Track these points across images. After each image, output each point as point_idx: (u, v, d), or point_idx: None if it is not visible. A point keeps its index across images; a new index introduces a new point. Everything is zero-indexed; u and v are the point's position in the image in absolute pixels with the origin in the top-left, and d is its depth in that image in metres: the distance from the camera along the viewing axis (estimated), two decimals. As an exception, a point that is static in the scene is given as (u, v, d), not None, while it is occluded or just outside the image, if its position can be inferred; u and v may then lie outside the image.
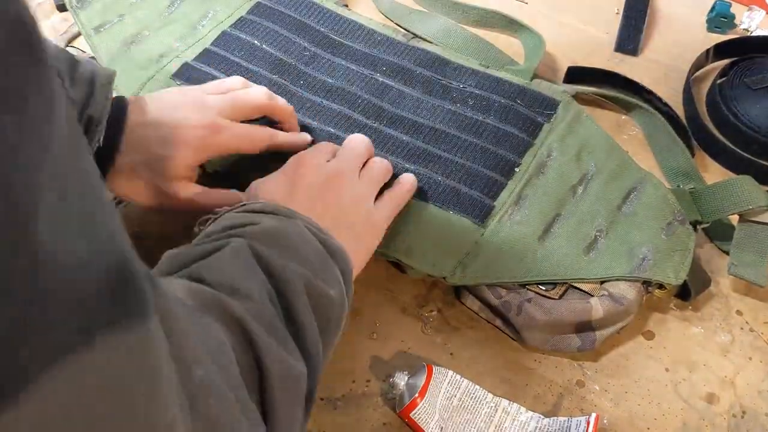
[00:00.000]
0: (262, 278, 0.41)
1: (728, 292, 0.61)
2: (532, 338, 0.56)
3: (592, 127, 0.66)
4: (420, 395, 0.51)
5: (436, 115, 0.66)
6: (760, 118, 0.68)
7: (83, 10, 0.70)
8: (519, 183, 0.61)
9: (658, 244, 0.58)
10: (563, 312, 0.54)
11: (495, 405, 0.52)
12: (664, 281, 0.56)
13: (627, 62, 0.76)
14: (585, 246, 0.58)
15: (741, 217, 0.60)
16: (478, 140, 0.64)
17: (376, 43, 0.71)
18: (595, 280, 0.56)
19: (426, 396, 0.51)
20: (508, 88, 0.68)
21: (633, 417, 0.54)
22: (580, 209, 0.60)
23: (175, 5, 0.72)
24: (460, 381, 0.53)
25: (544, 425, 0.52)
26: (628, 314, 0.56)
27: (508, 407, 0.52)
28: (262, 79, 0.66)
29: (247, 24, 0.71)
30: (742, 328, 0.59)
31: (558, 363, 0.56)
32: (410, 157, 0.62)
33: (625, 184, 0.62)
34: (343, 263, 0.46)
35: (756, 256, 0.58)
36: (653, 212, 0.60)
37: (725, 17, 0.78)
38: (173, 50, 0.68)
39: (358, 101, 0.66)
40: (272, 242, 0.43)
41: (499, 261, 0.56)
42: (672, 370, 0.57)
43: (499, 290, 0.56)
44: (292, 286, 0.41)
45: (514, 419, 0.52)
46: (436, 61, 0.70)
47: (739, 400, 0.55)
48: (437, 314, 0.58)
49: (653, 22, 0.81)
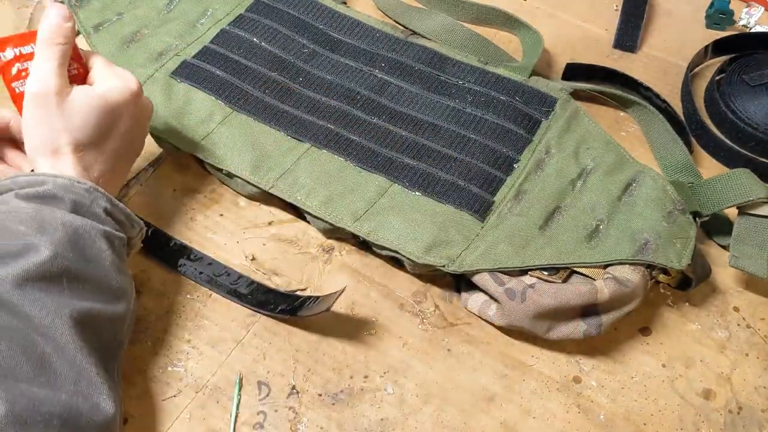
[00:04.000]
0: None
1: (725, 289, 0.61)
2: (536, 326, 0.55)
3: (590, 124, 0.66)
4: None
5: (435, 112, 0.66)
6: (758, 115, 0.68)
7: (82, 8, 0.70)
8: (518, 179, 0.62)
9: (660, 230, 0.58)
10: (569, 295, 0.54)
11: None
12: (667, 265, 0.56)
13: (625, 59, 0.76)
14: (586, 234, 0.58)
15: (740, 210, 0.60)
16: (476, 136, 0.64)
17: (375, 40, 0.71)
18: (598, 264, 0.56)
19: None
20: (507, 85, 0.68)
21: (629, 413, 0.55)
22: (580, 201, 0.60)
23: (173, 3, 0.72)
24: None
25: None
26: (634, 297, 0.55)
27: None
28: (261, 76, 0.67)
29: (246, 21, 0.71)
30: (739, 325, 0.59)
31: (555, 359, 0.57)
32: (409, 152, 0.63)
33: (623, 177, 0.62)
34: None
35: (756, 249, 0.58)
36: (653, 202, 0.60)
37: (724, 13, 0.78)
38: (172, 48, 0.68)
39: (357, 97, 0.66)
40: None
41: (500, 248, 0.57)
42: (669, 366, 0.57)
43: (501, 277, 0.56)
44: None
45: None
46: (434, 58, 0.70)
47: (736, 396, 0.56)
48: (435, 310, 0.59)
49: (652, 18, 0.81)
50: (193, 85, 0.66)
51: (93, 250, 0.48)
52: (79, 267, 0.46)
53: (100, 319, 0.47)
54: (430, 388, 0.55)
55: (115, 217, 0.51)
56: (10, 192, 0.49)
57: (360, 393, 0.54)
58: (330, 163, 0.62)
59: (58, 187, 0.48)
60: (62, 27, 0.51)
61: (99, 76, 0.53)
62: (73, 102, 0.50)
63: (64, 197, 0.48)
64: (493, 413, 0.54)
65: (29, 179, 0.49)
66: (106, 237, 0.49)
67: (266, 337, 0.56)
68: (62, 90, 0.50)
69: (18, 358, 0.41)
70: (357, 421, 0.53)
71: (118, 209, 0.51)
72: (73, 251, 0.46)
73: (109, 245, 0.49)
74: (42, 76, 0.50)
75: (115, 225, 0.51)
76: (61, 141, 0.50)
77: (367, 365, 0.55)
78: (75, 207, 0.48)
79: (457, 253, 0.57)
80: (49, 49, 0.51)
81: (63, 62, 0.51)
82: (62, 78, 0.51)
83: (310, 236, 0.62)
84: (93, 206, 0.49)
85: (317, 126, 0.64)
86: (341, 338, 0.56)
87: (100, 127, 0.51)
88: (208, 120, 0.64)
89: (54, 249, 0.45)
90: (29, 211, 0.47)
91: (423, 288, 0.60)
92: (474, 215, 0.59)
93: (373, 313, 0.58)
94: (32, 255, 0.45)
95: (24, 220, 0.46)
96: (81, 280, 0.46)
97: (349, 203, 0.60)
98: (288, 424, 0.52)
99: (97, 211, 0.50)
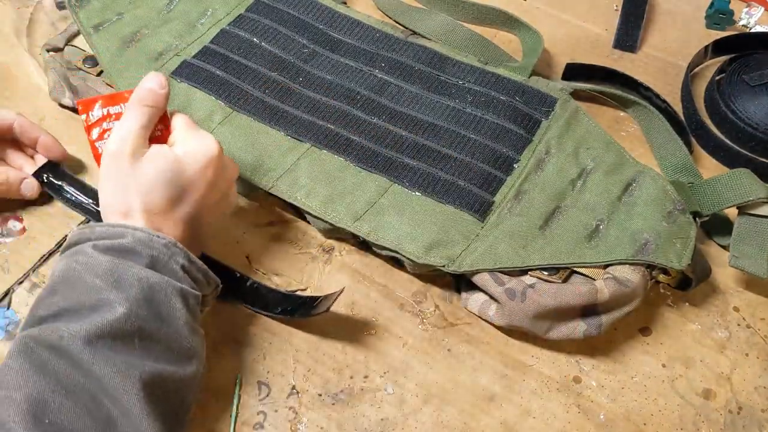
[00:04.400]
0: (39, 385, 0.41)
1: (725, 289, 0.61)
2: (536, 326, 0.55)
3: (590, 124, 0.66)
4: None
5: (435, 112, 0.66)
6: (758, 115, 0.68)
7: (82, 8, 0.70)
8: (518, 179, 0.62)
9: (660, 230, 0.58)
10: (569, 295, 0.54)
11: None
12: (667, 265, 0.56)
13: (625, 59, 0.76)
14: (586, 234, 0.58)
15: (740, 210, 0.60)
16: (476, 136, 0.64)
17: (375, 39, 0.71)
18: (598, 264, 0.56)
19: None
20: (507, 85, 0.68)
21: (630, 413, 0.55)
22: (580, 201, 0.60)
23: (173, 3, 0.72)
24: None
25: None
26: (634, 297, 0.55)
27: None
28: (261, 76, 0.67)
29: (246, 22, 0.71)
30: (739, 325, 0.59)
31: (555, 359, 0.57)
32: (409, 152, 0.63)
33: (623, 177, 0.62)
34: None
35: (756, 249, 0.58)
36: (653, 202, 0.60)
37: (724, 13, 0.78)
38: (172, 48, 0.68)
39: (357, 97, 0.66)
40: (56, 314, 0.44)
41: (500, 248, 0.57)
42: (669, 366, 0.57)
43: (501, 277, 0.56)
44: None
45: None
46: (434, 58, 0.70)
47: (736, 396, 0.56)
48: (435, 310, 0.59)
49: (652, 18, 0.81)
50: (193, 85, 0.66)
51: (167, 309, 0.46)
52: (153, 326, 0.45)
53: (170, 382, 0.45)
54: (430, 388, 0.55)
55: (192, 275, 0.49)
56: (87, 242, 0.47)
57: (360, 393, 0.54)
58: (330, 163, 0.62)
59: (137, 240, 0.47)
60: (155, 93, 0.51)
61: (179, 138, 0.52)
62: (146, 164, 0.49)
63: (142, 252, 0.47)
64: (493, 413, 0.54)
65: (108, 230, 0.48)
66: (182, 295, 0.47)
67: (266, 337, 0.56)
68: (138, 151, 0.49)
69: (84, 420, 0.40)
70: (357, 421, 0.53)
71: (196, 266, 0.50)
72: (148, 309, 0.45)
73: (183, 303, 0.47)
74: (122, 135, 0.49)
75: (192, 282, 0.49)
76: (132, 202, 0.49)
77: (367, 365, 0.55)
78: (152, 262, 0.47)
79: (457, 253, 0.57)
80: (136, 110, 0.50)
81: (147, 125, 0.50)
82: (141, 139, 0.50)
83: (310, 236, 0.62)
84: (170, 262, 0.48)
85: (317, 126, 0.64)
86: (341, 338, 0.56)
87: (171, 191, 0.49)
88: (208, 120, 0.64)
89: (129, 307, 0.44)
90: (106, 264, 0.46)
91: (423, 288, 0.60)
92: (474, 215, 0.59)
93: (373, 313, 0.58)
94: (106, 311, 0.44)
95: (100, 273, 0.45)
96: (153, 340, 0.45)
97: (349, 203, 0.60)
98: (288, 424, 0.52)
99: (175, 268, 0.48)
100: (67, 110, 0.67)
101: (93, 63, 0.67)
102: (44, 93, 0.68)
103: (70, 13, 0.69)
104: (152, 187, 0.49)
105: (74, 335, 0.42)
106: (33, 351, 0.42)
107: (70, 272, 0.46)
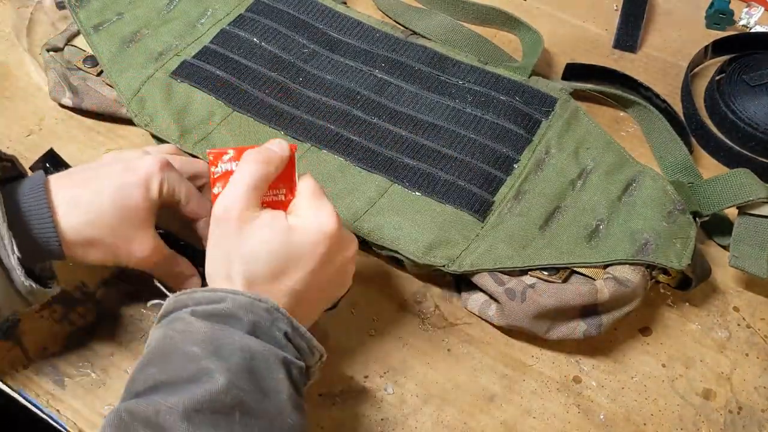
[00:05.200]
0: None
1: (725, 289, 0.61)
2: (536, 326, 0.55)
3: (590, 124, 0.66)
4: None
5: (435, 111, 0.66)
6: (758, 115, 0.68)
7: (82, 8, 0.70)
8: (518, 179, 0.62)
9: (660, 230, 0.58)
10: (569, 295, 0.54)
11: None
12: (667, 265, 0.56)
13: (625, 59, 0.76)
14: (586, 234, 0.58)
15: (740, 210, 0.60)
16: (476, 136, 0.64)
17: (375, 39, 0.71)
18: (598, 264, 0.56)
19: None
20: (507, 85, 0.68)
21: (630, 413, 0.55)
22: (580, 201, 0.60)
23: (173, 3, 0.72)
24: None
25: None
26: (634, 297, 0.55)
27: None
28: (261, 76, 0.67)
29: (246, 22, 0.71)
30: (739, 325, 0.59)
31: (555, 359, 0.57)
32: (409, 152, 0.63)
33: (623, 177, 0.62)
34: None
35: (756, 249, 0.58)
36: (653, 202, 0.60)
37: (724, 13, 0.78)
38: (172, 48, 0.68)
39: (357, 97, 0.66)
40: (151, 387, 0.41)
41: (500, 248, 0.57)
42: (669, 366, 0.57)
43: (501, 277, 0.56)
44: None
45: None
46: (434, 58, 0.70)
47: (736, 396, 0.56)
48: (435, 310, 0.59)
49: (652, 18, 0.81)
50: (193, 85, 0.66)
51: (270, 381, 0.42)
52: (254, 399, 0.41)
53: None
54: (430, 388, 0.55)
55: (295, 343, 0.45)
56: (186, 308, 0.44)
57: (360, 393, 0.54)
58: (330, 163, 0.62)
59: (237, 305, 0.44)
60: (271, 152, 0.48)
61: (298, 207, 0.48)
62: (253, 229, 0.46)
63: (243, 318, 0.43)
64: (493, 413, 0.54)
65: (207, 295, 0.45)
66: (285, 365, 0.44)
67: (266, 337, 0.56)
68: (245, 215, 0.46)
69: None
70: (357, 421, 0.53)
71: (299, 333, 0.45)
72: (250, 381, 0.42)
73: (287, 375, 0.43)
74: (229, 197, 0.46)
75: (295, 351, 0.45)
76: (234, 269, 0.46)
77: (367, 365, 0.55)
78: (253, 329, 0.44)
79: (457, 253, 0.57)
80: (247, 167, 0.47)
81: (258, 186, 0.47)
82: (249, 202, 0.46)
83: (310, 236, 0.62)
84: (273, 329, 0.44)
85: (317, 126, 0.64)
86: (341, 338, 0.56)
87: (275, 263, 0.46)
88: (208, 120, 0.64)
89: (229, 377, 0.41)
90: (205, 330, 0.43)
91: (423, 288, 0.60)
92: (474, 215, 0.59)
93: (373, 313, 0.58)
94: (206, 382, 0.40)
95: (198, 341, 0.42)
96: (254, 416, 0.41)
97: (349, 203, 0.60)
98: (288, 424, 0.52)
99: (277, 335, 0.44)
100: (66, 110, 0.67)
101: (93, 63, 0.67)
102: (44, 93, 0.68)
103: (70, 13, 0.69)
104: (256, 257, 0.46)
105: (171, 409, 0.39)
106: (128, 426, 0.39)
107: (167, 341, 0.43)
